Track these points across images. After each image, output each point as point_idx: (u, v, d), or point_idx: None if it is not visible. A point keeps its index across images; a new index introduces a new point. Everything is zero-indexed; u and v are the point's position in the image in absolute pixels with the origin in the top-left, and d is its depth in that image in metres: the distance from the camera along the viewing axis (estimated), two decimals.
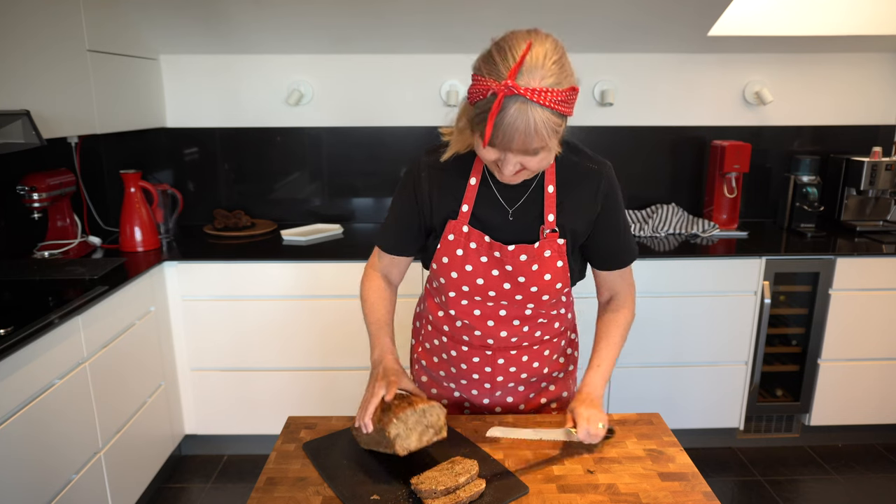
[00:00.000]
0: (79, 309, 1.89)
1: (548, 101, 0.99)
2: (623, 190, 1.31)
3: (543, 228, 1.23)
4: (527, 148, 1.02)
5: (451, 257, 1.26)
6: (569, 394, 1.46)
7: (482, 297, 1.29)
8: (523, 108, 0.98)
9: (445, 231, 1.26)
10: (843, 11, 2.69)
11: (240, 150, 3.05)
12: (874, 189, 2.88)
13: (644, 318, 2.61)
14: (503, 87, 0.97)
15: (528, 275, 1.24)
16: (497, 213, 1.25)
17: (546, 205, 1.23)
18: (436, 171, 1.26)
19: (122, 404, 2.18)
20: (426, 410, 1.14)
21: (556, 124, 1.03)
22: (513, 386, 1.38)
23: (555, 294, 1.28)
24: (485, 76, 1.01)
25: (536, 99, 0.98)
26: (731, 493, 2.53)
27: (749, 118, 3.05)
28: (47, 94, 2.08)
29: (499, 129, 1.00)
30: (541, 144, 1.02)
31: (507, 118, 0.99)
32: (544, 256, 1.24)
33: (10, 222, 2.38)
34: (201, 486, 2.57)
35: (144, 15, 2.59)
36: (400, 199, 1.32)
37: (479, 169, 1.24)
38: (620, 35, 2.78)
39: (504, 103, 0.98)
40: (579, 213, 1.25)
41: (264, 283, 2.53)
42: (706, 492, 1.10)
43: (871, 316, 2.64)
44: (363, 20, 2.64)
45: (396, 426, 1.10)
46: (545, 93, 0.99)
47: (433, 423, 1.15)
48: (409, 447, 1.11)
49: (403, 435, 1.11)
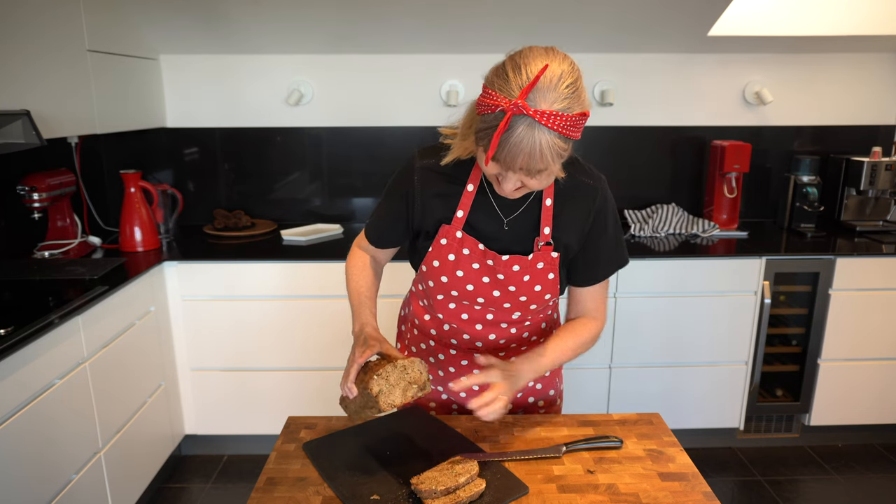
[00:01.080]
0: (79, 309, 1.89)
1: (556, 126, 0.97)
2: (619, 197, 1.31)
3: (538, 241, 1.23)
4: (530, 169, 1.01)
5: (442, 261, 1.26)
6: (555, 392, 1.46)
7: (470, 302, 1.29)
8: (530, 129, 0.96)
9: (438, 235, 1.25)
10: (843, 11, 2.69)
11: (240, 150, 3.05)
12: (874, 189, 2.88)
13: (644, 318, 2.61)
14: (513, 105, 0.96)
15: (520, 285, 1.24)
16: (492, 221, 1.24)
17: (542, 217, 1.23)
18: (430, 174, 1.26)
19: (122, 404, 2.18)
20: (406, 366, 1.13)
21: (561, 149, 1.01)
22: None
23: (543, 303, 1.29)
24: (496, 90, 0.99)
25: (545, 122, 0.96)
26: (731, 493, 2.53)
27: (749, 118, 3.06)
28: (47, 94, 2.08)
29: (503, 148, 0.98)
30: (544, 167, 1.01)
31: (514, 138, 0.97)
32: (537, 268, 1.24)
33: (10, 222, 2.38)
34: (201, 486, 2.57)
35: (144, 15, 2.59)
36: (390, 196, 1.33)
37: (477, 176, 1.24)
38: (620, 35, 2.79)
39: (511, 122, 0.96)
40: (573, 228, 1.24)
41: (264, 283, 2.53)
42: (706, 492, 1.10)
43: (871, 316, 2.64)
44: (363, 20, 2.64)
45: (378, 382, 1.10)
46: (555, 116, 0.97)
47: (416, 379, 1.14)
48: (394, 403, 1.11)
49: (386, 391, 1.11)
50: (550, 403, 1.45)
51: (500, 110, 0.97)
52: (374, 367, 1.13)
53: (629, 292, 2.58)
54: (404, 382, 1.13)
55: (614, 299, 2.58)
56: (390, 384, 1.12)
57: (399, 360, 1.14)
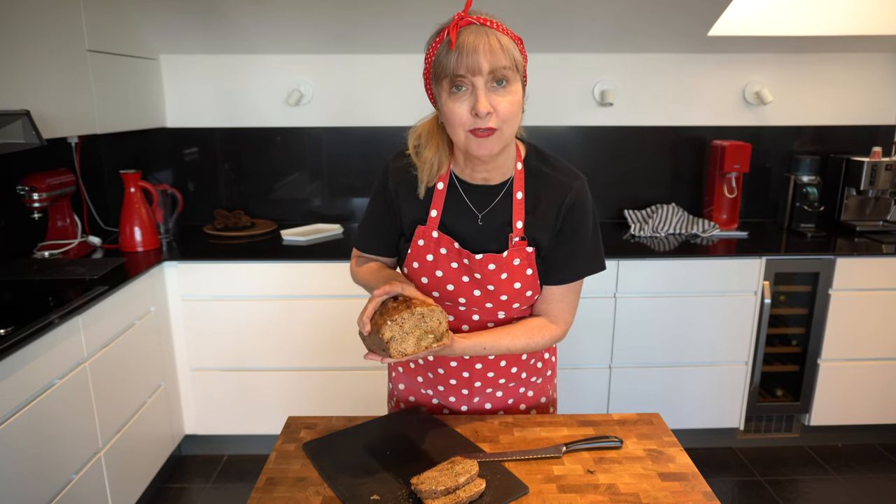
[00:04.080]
0: (79, 309, 1.89)
1: (502, 30, 1.08)
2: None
3: (512, 236, 1.22)
4: (495, 67, 1.05)
5: (421, 262, 1.26)
6: (547, 399, 1.44)
7: (453, 303, 1.27)
8: (481, 30, 1.06)
9: (415, 236, 1.25)
10: (843, 11, 2.69)
11: (240, 150, 3.05)
12: (874, 189, 2.88)
13: (644, 318, 2.61)
14: (458, 18, 1.06)
15: (498, 283, 1.23)
16: (466, 219, 1.24)
17: (514, 211, 1.22)
18: (404, 176, 1.26)
19: (122, 404, 2.18)
20: (425, 314, 1.09)
21: (516, 50, 1.09)
22: (490, 392, 1.36)
23: (525, 302, 1.27)
24: (435, 38, 1.10)
25: (491, 25, 1.07)
26: (731, 493, 2.53)
27: (749, 118, 3.06)
28: (47, 94, 2.08)
29: (464, 52, 1.05)
30: (507, 63, 1.06)
31: (469, 37, 1.05)
32: (513, 265, 1.22)
33: (10, 222, 2.38)
34: (201, 486, 2.57)
35: (144, 15, 2.59)
36: (372, 202, 1.33)
37: (446, 174, 1.24)
38: (620, 35, 2.79)
39: (461, 31, 1.06)
40: (543, 225, 1.23)
41: (264, 283, 2.53)
42: (706, 492, 1.10)
43: (871, 316, 2.64)
44: (363, 20, 2.64)
45: (391, 328, 1.07)
46: (498, 24, 1.08)
47: (433, 329, 1.10)
48: (405, 351, 1.08)
49: (398, 338, 1.07)
50: (543, 411, 1.44)
51: (446, 32, 1.07)
52: (392, 310, 1.08)
53: (629, 292, 2.58)
54: (419, 331, 1.09)
55: (614, 299, 2.58)
56: (404, 331, 1.08)
57: (418, 307, 1.08)
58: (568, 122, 3.03)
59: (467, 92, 1.07)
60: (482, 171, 1.22)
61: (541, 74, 2.97)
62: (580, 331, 2.59)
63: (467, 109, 1.08)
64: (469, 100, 1.08)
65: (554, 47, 2.89)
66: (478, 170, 1.22)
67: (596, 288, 2.56)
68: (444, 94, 1.10)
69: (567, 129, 3.04)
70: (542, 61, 2.94)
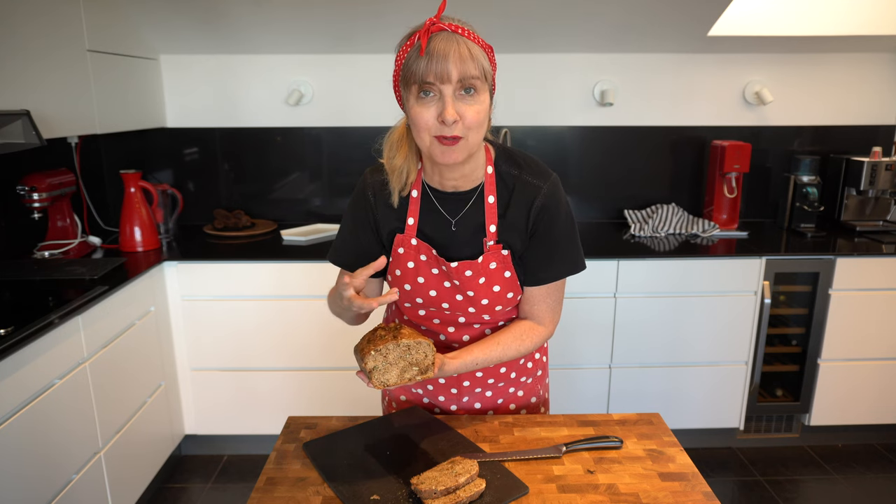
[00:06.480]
0: (79, 309, 1.89)
1: (473, 38, 1.07)
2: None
3: (486, 241, 1.22)
4: (464, 73, 1.04)
5: (403, 270, 1.26)
6: (538, 399, 1.44)
7: (437, 308, 1.28)
8: (451, 37, 1.05)
9: (395, 245, 1.26)
10: (843, 11, 2.69)
11: (240, 150, 3.05)
12: (874, 189, 2.88)
13: (644, 318, 2.61)
14: (429, 23, 1.05)
15: (477, 289, 1.23)
16: (440, 225, 1.24)
17: (487, 216, 1.22)
18: (383, 187, 1.26)
19: (122, 404, 2.18)
20: (410, 346, 1.07)
21: (486, 59, 1.08)
22: (480, 391, 1.36)
23: (507, 303, 1.27)
24: (406, 41, 1.09)
25: (462, 32, 1.06)
26: (731, 493, 2.53)
27: (749, 118, 3.06)
28: (47, 95, 2.08)
29: (434, 58, 1.04)
30: (476, 73, 1.05)
31: (440, 43, 1.04)
32: (490, 269, 1.22)
33: (10, 222, 2.38)
34: (201, 486, 2.57)
35: (144, 15, 2.59)
36: (351, 215, 1.31)
37: (418, 182, 1.25)
38: (620, 35, 2.79)
39: (432, 37, 1.05)
40: (515, 227, 1.23)
41: (264, 283, 2.53)
42: (706, 492, 1.10)
43: (871, 316, 2.64)
44: (363, 20, 2.64)
45: (375, 358, 1.05)
46: (469, 31, 1.07)
47: (418, 361, 1.08)
48: (387, 382, 1.07)
49: (381, 369, 1.06)
50: (533, 411, 1.44)
51: (417, 37, 1.06)
52: (378, 339, 1.07)
53: (629, 292, 2.58)
54: (404, 363, 1.08)
55: (614, 299, 2.59)
56: (388, 362, 1.07)
57: (405, 338, 1.07)
58: (568, 122, 3.03)
59: (435, 98, 1.07)
60: (451, 179, 1.22)
61: (541, 74, 2.97)
62: (580, 331, 2.59)
63: (434, 115, 1.08)
64: (437, 106, 1.07)
65: (554, 47, 2.89)
66: (446, 177, 1.21)
67: (596, 288, 2.56)
68: (412, 97, 1.09)
69: (567, 129, 3.04)
70: (542, 61, 2.94)
